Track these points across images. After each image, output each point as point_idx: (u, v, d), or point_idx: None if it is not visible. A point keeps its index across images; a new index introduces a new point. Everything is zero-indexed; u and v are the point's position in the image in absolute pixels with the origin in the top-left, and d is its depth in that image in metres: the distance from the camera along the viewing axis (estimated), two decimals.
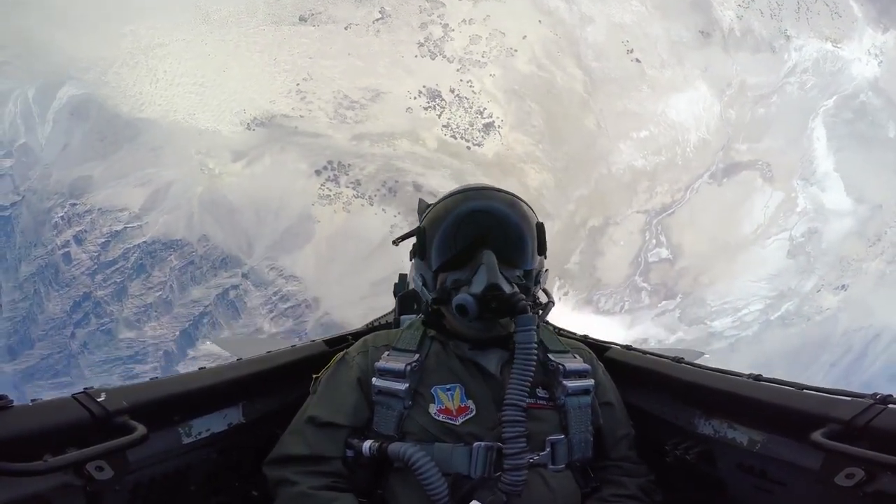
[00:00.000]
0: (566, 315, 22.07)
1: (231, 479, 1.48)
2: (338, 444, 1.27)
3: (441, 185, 22.48)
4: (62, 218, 20.26)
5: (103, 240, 20.43)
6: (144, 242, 20.70)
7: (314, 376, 1.44)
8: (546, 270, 1.45)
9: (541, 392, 1.34)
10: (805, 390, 1.21)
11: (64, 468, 0.90)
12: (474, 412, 1.27)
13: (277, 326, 21.35)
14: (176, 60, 21.05)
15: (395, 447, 1.18)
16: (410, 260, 1.50)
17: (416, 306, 2.03)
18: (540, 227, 1.40)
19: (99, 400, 1.03)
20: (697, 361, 1.65)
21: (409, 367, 1.29)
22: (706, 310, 22.71)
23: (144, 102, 20.88)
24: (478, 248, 1.28)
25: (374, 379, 1.30)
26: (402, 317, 2.05)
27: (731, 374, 1.43)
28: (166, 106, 21.01)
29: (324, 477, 1.23)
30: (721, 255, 22.70)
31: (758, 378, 1.34)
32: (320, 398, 1.34)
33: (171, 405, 1.25)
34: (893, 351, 21.57)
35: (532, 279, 1.37)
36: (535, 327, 1.19)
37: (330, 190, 21.72)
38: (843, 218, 22.21)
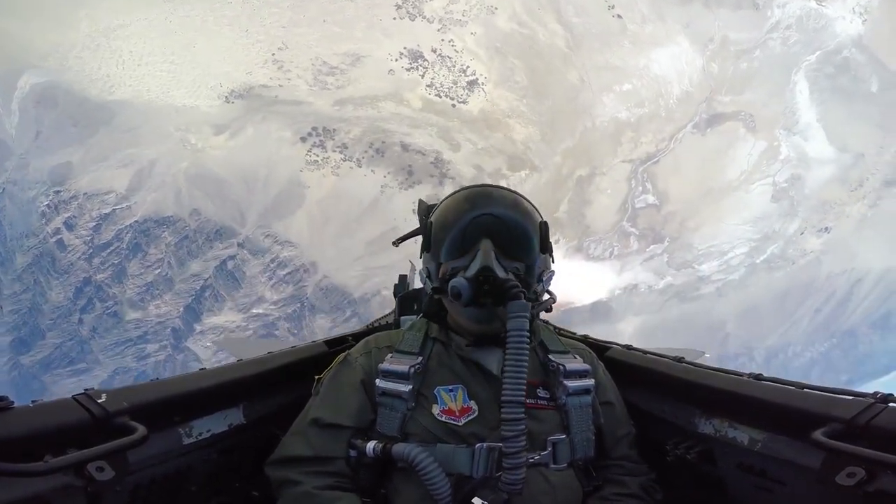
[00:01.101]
0: (557, 262, 22.63)
1: (231, 480, 1.49)
2: (341, 444, 1.28)
3: (428, 143, 22.46)
4: (48, 206, 20.16)
5: (94, 223, 20.40)
6: (136, 222, 20.72)
7: (316, 377, 1.44)
8: (552, 271, 1.44)
9: (542, 392, 1.34)
10: (806, 389, 1.21)
11: (64, 469, 0.90)
12: (477, 413, 1.28)
13: (278, 293, 21.64)
14: (140, 40, 20.54)
15: (398, 448, 1.18)
16: (420, 256, 1.50)
17: (416, 307, 2.02)
18: (543, 226, 1.39)
19: (99, 401, 1.02)
20: (698, 361, 1.66)
21: (412, 369, 1.29)
22: (693, 253, 23.12)
23: (114, 84, 20.49)
24: (479, 238, 1.29)
25: (377, 380, 1.31)
26: (403, 317, 2.03)
27: (731, 373, 1.42)
28: (137, 86, 20.64)
29: (328, 477, 1.24)
30: (706, 200, 23.01)
31: (758, 377, 1.33)
32: (323, 399, 1.35)
33: (171, 406, 1.24)
34: (875, 296, 22.00)
35: (534, 276, 1.36)
36: (527, 315, 1.18)
37: (317, 155, 21.69)
38: (825, 165, 22.37)
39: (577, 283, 22.32)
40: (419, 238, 1.49)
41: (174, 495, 1.27)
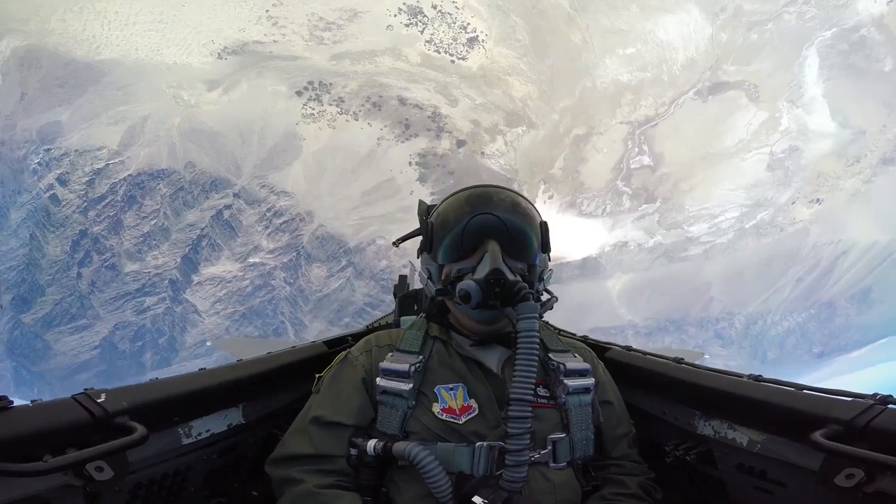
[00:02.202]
0: (551, 217, 22.87)
1: (231, 480, 1.49)
2: (342, 443, 1.27)
3: (426, 97, 22.27)
4: (39, 164, 20.05)
5: (87, 178, 20.34)
6: (130, 175, 20.67)
7: (317, 375, 1.44)
8: (550, 270, 1.44)
9: (542, 391, 1.34)
10: (805, 391, 1.21)
11: (64, 468, 0.89)
12: (477, 411, 1.28)
13: (275, 242, 21.97)
14: (126, 1, 20.11)
15: (399, 446, 1.19)
16: (418, 257, 1.50)
17: (416, 307, 2.02)
18: (544, 226, 1.39)
19: (99, 401, 1.02)
20: (697, 362, 1.65)
21: (412, 368, 1.29)
22: (684, 214, 23.41)
23: (100, 45, 20.15)
24: (483, 239, 1.29)
25: (378, 379, 1.30)
26: (403, 318, 2.00)
27: (730, 374, 1.42)
28: (126, 46, 20.33)
29: (329, 476, 1.24)
30: (701, 165, 23.12)
31: (758, 378, 1.33)
32: (324, 397, 1.34)
33: (171, 406, 1.24)
34: (857, 270, 22.20)
35: (535, 275, 1.36)
36: (536, 316, 1.19)
37: (313, 109, 21.59)
38: (825, 139, 22.34)
39: (568, 239, 22.59)
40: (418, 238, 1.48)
41: (174, 495, 1.27)
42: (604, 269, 23.59)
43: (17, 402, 0.91)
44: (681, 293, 23.45)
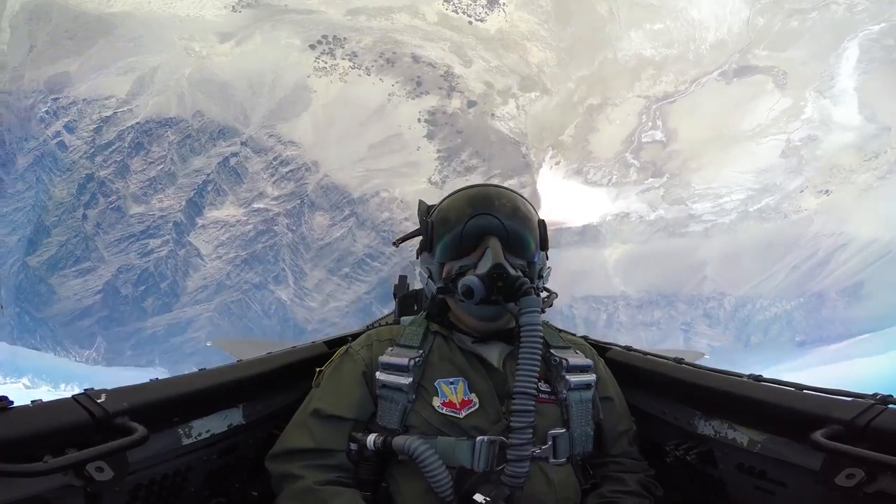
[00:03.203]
0: (556, 182, 23.15)
1: (231, 480, 1.48)
2: (342, 437, 1.27)
3: (440, 56, 21.75)
4: (47, 112, 19.78)
5: (95, 126, 20.13)
6: (138, 123, 20.41)
7: (318, 369, 1.44)
8: (549, 268, 1.45)
9: (543, 386, 1.33)
10: (805, 391, 1.21)
11: (64, 469, 0.89)
12: (477, 405, 1.27)
13: (279, 190, 22.06)
14: None
15: (399, 440, 1.18)
16: (417, 257, 1.51)
17: (416, 307, 2.02)
18: (542, 224, 1.41)
19: (99, 401, 1.02)
20: (697, 362, 1.65)
21: (412, 362, 1.29)
22: (690, 191, 23.24)
23: None
24: (483, 237, 1.30)
25: (377, 373, 1.30)
26: (403, 318, 1.99)
27: (730, 374, 1.41)
28: None
29: (329, 471, 1.23)
30: (714, 145, 22.74)
31: (758, 378, 1.33)
32: (324, 391, 1.34)
33: (171, 406, 1.24)
34: (853, 264, 22.10)
35: (535, 272, 1.37)
36: (539, 310, 1.20)
37: (325, 62, 21.18)
38: (847, 131, 21.70)
39: (570, 205, 22.72)
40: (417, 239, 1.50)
41: (174, 496, 1.27)
42: (603, 237, 23.64)
43: (18, 402, 0.91)
44: (675, 269, 23.62)
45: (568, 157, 22.95)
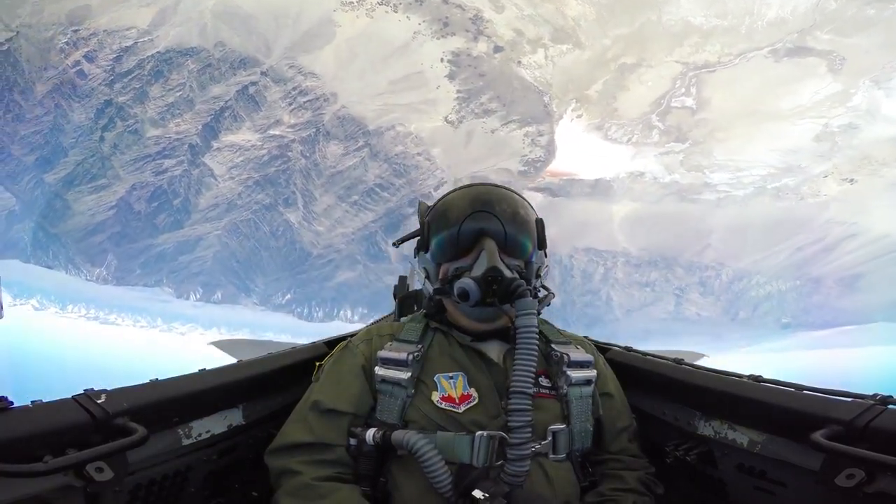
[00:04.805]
0: (576, 136, 23.00)
1: (231, 481, 1.48)
2: (341, 431, 1.26)
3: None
4: (67, 43, 19.32)
5: (115, 55, 19.77)
6: (158, 52, 19.97)
7: (318, 364, 1.44)
8: (547, 267, 1.44)
9: (543, 381, 1.33)
10: (805, 391, 1.21)
11: (64, 469, 0.90)
12: (477, 400, 1.26)
13: (296, 118, 22.08)
14: None
15: (398, 435, 1.18)
16: (414, 257, 1.50)
17: (415, 308, 1.99)
18: (539, 223, 1.39)
19: (99, 402, 1.02)
20: (697, 362, 1.65)
21: (411, 357, 1.29)
22: (710, 160, 22.94)
23: None
24: (479, 238, 1.29)
25: (376, 367, 1.30)
26: (403, 318, 1.98)
27: (730, 375, 1.41)
28: None
29: (328, 466, 1.22)
30: (746, 120, 22.01)
31: (758, 379, 1.33)
32: (324, 384, 1.34)
33: (171, 407, 1.24)
34: (858, 255, 21.97)
35: (532, 272, 1.35)
36: (534, 312, 1.19)
37: None
38: (891, 125, 20.74)
39: (586, 158, 22.71)
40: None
41: (174, 496, 1.27)
42: (614, 193, 23.72)
43: (18, 403, 0.92)
44: (680, 232, 23.75)
45: (591, 111, 22.50)
